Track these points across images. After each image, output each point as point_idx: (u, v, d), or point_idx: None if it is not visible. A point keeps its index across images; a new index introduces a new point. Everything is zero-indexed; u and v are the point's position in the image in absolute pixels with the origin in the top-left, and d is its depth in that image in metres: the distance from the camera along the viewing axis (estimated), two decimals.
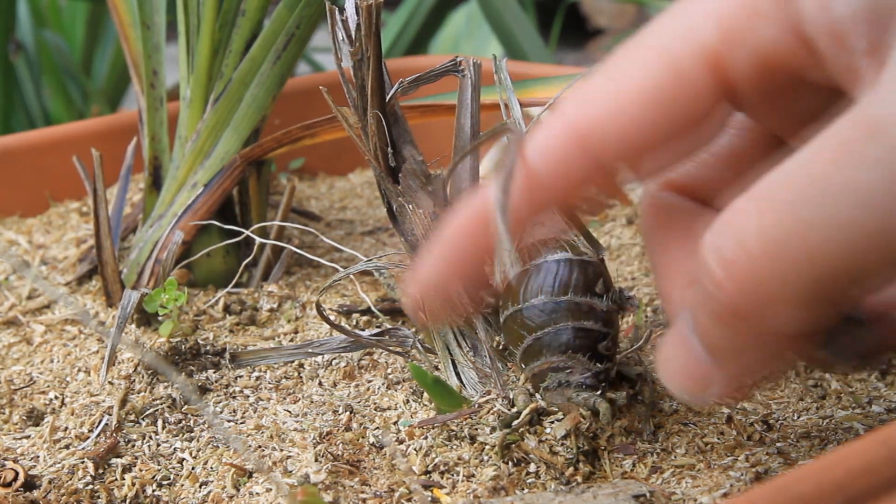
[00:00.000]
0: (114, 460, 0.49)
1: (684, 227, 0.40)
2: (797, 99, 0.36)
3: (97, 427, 0.51)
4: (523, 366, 0.47)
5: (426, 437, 0.47)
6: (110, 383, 0.55)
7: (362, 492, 0.44)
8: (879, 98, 0.29)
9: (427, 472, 0.45)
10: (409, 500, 0.44)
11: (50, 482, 0.47)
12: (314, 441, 0.48)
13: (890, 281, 0.31)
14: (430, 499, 0.44)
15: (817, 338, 0.34)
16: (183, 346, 0.56)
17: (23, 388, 0.56)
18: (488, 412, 0.48)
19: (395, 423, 0.50)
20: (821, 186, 0.29)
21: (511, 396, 0.48)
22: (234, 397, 0.54)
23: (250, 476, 0.47)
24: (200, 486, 0.47)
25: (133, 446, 0.50)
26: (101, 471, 0.48)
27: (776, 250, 0.30)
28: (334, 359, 0.56)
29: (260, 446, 0.49)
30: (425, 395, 0.51)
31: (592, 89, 0.35)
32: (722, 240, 0.31)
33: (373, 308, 0.60)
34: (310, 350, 0.56)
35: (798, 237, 0.29)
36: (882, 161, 0.28)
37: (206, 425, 0.51)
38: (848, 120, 0.30)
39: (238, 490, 0.46)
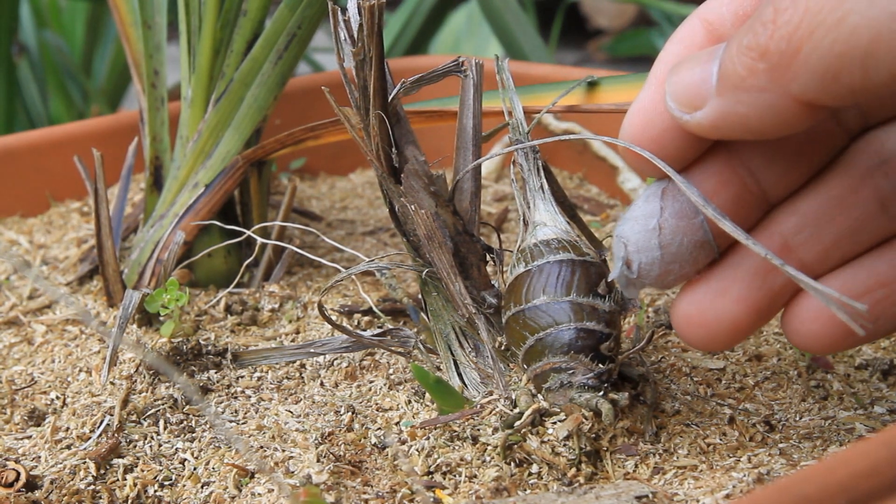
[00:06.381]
0: (115, 461, 0.49)
1: None
2: None
3: (99, 427, 0.51)
4: (525, 366, 0.47)
5: (428, 438, 0.47)
6: (112, 383, 0.55)
7: (364, 492, 0.44)
8: None
9: (429, 473, 0.45)
10: (411, 500, 0.44)
11: (51, 482, 0.47)
12: (316, 441, 0.48)
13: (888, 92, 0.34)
14: (432, 499, 0.44)
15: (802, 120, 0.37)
16: (184, 347, 0.56)
17: (24, 388, 0.56)
18: (490, 413, 0.48)
19: (397, 423, 0.50)
20: None
21: (513, 397, 0.48)
22: (235, 398, 0.54)
23: (252, 476, 0.47)
24: (202, 487, 0.47)
25: (134, 447, 0.50)
26: (102, 471, 0.48)
27: (818, 17, 0.34)
28: (336, 359, 0.56)
29: (262, 447, 0.49)
30: (427, 395, 0.51)
31: None
32: None
33: (374, 308, 0.60)
34: (311, 350, 0.56)
35: (840, 13, 0.34)
36: None
37: (208, 425, 0.51)
38: None
39: (240, 490, 0.46)
